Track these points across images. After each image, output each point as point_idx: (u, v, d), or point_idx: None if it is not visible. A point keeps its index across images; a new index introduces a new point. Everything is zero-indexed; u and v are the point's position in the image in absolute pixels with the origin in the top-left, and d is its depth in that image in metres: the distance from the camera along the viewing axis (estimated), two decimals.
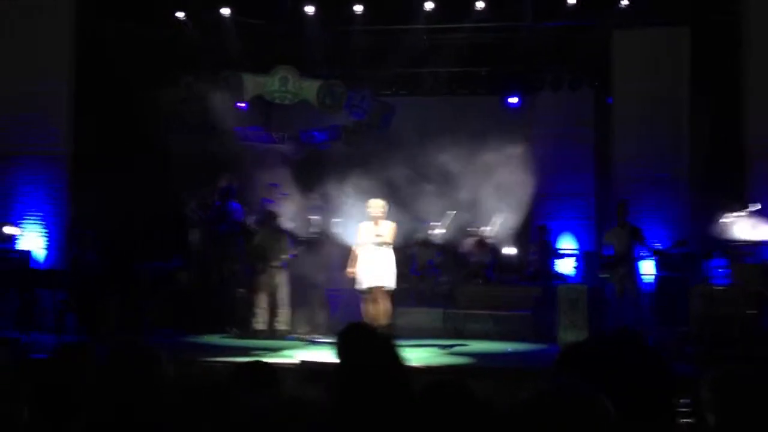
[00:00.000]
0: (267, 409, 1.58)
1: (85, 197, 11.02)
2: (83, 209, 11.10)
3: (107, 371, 2.31)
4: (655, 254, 10.21)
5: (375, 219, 9.00)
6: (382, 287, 9.02)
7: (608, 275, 9.94)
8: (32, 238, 11.38)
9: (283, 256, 10.32)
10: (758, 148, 10.78)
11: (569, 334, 9.47)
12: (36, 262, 11.16)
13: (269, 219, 10.69)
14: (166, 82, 12.65)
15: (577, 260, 12.57)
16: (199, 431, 1.89)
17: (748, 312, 8.68)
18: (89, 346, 2.65)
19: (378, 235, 8.93)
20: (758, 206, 9.33)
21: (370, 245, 8.91)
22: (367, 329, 2.52)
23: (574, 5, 12.21)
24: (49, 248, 11.39)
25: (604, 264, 10.00)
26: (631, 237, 9.75)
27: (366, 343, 2.50)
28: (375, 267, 8.88)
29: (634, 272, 9.82)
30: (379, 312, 8.98)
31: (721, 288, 9.15)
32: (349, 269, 9.27)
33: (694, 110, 11.58)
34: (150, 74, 12.40)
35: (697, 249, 10.50)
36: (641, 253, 10.02)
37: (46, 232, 11.42)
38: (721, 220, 9.24)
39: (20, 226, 11.34)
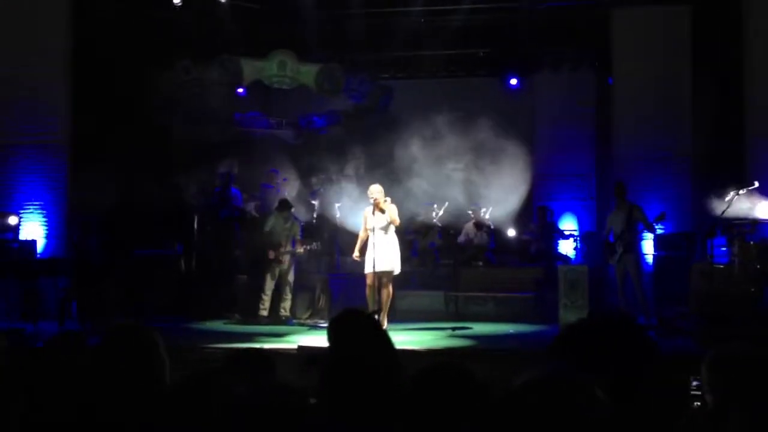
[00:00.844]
0: (252, 397, 1.57)
1: (84, 185, 11.02)
2: (83, 197, 11.10)
3: (100, 354, 2.29)
4: (652, 232, 10.18)
5: (376, 204, 8.99)
6: (389, 271, 9.03)
7: (609, 258, 9.93)
8: (33, 228, 11.39)
9: (300, 250, 10.33)
10: (759, 126, 10.74)
11: (570, 315, 9.48)
12: (38, 251, 11.18)
13: (283, 207, 10.67)
14: (164, 66, 12.59)
15: (576, 241, 12.56)
16: (191, 417, 1.87)
17: (748, 290, 8.67)
18: (82, 335, 2.64)
19: (383, 224, 8.91)
20: (756, 184, 9.29)
21: (375, 230, 8.91)
22: (361, 316, 2.52)
23: None
24: (49, 237, 11.40)
25: (605, 249, 10.00)
26: (628, 217, 9.72)
27: (357, 331, 2.50)
28: (381, 252, 8.89)
29: (633, 252, 9.79)
30: (383, 296, 9.01)
31: (721, 266, 9.15)
32: (355, 254, 9.28)
33: (696, 89, 11.52)
34: (148, 58, 12.37)
35: (698, 227, 10.49)
36: (641, 232, 9.99)
37: (46, 221, 11.43)
38: (721, 199, 9.21)
39: (21, 215, 11.34)
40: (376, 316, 7.03)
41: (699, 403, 2.99)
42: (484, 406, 1.97)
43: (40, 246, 11.21)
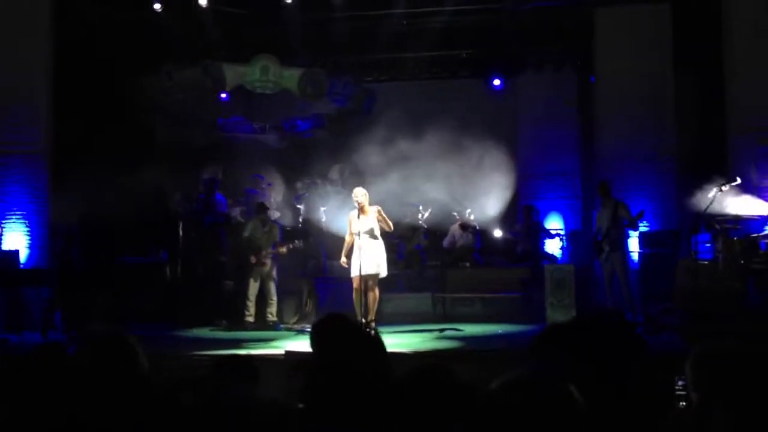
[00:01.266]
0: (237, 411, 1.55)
1: (67, 193, 10.93)
2: (66, 205, 11.00)
3: (79, 361, 2.24)
4: (635, 229, 10.23)
5: (361, 207, 8.98)
6: (375, 275, 9.02)
7: (598, 256, 9.98)
8: (16, 238, 11.29)
9: (283, 250, 10.28)
10: (740, 123, 10.81)
11: (557, 314, 9.51)
12: (21, 261, 11.08)
13: (260, 211, 10.65)
14: (146, 72, 12.52)
15: (562, 240, 12.61)
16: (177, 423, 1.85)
17: (732, 286, 8.73)
18: (61, 345, 2.60)
19: (368, 228, 8.91)
20: (738, 181, 9.35)
21: (360, 234, 8.89)
22: (345, 320, 2.50)
23: None
24: (32, 247, 11.29)
25: (594, 247, 10.03)
26: (612, 214, 9.77)
27: (341, 335, 2.49)
28: (367, 255, 8.88)
29: (619, 250, 9.84)
30: (369, 300, 8.99)
31: (705, 263, 9.20)
32: (342, 259, 9.26)
33: (679, 87, 11.59)
34: (130, 63, 12.29)
35: (683, 224, 10.55)
36: (626, 229, 10.03)
37: (28, 231, 11.32)
38: (705, 196, 9.27)
39: (3, 225, 11.23)
40: (368, 327, 7.00)
41: (684, 404, 2.99)
42: (469, 408, 1.96)
43: (23, 256, 11.11)
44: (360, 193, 9.02)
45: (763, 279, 8.81)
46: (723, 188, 9.16)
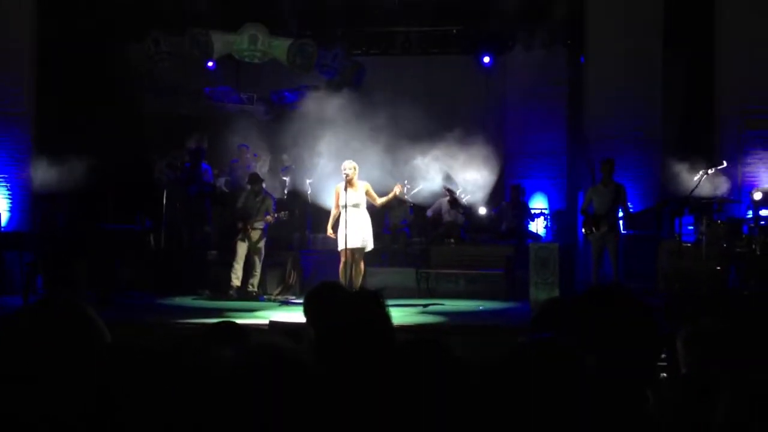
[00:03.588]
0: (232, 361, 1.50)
1: (50, 158, 10.79)
2: (49, 170, 10.87)
3: (15, 333, 1.98)
4: (630, 218, 10.28)
5: (349, 180, 8.94)
6: (361, 248, 9.02)
7: (589, 232, 9.99)
8: None
9: (268, 218, 10.23)
10: (729, 105, 10.85)
11: (541, 293, 9.54)
12: (2, 225, 10.96)
13: (253, 182, 10.59)
14: (133, 38, 12.33)
15: (546, 219, 12.64)
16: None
17: (714, 268, 8.81)
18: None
19: (355, 201, 8.90)
20: (725, 164, 9.41)
21: (347, 207, 8.86)
22: (339, 288, 2.48)
23: None
24: (13, 210, 11.17)
25: (586, 221, 10.04)
26: (614, 196, 9.78)
27: (340, 302, 2.47)
28: (353, 228, 8.86)
29: (616, 231, 9.88)
30: (355, 273, 8.99)
31: (688, 244, 9.27)
32: (328, 232, 9.23)
33: (668, 68, 11.59)
34: (118, 28, 12.10)
35: (667, 206, 10.60)
36: (620, 213, 10.06)
37: (9, 195, 11.19)
38: (691, 178, 9.32)
39: None
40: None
41: (665, 375, 3.05)
42: (465, 380, 1.96)
43: (4, 220, 10.99)
44: (349, 166, 8.97)
45: (745, 262, 8.91)
46: (709, 171, 9.21)
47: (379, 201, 9.17)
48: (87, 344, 1.99)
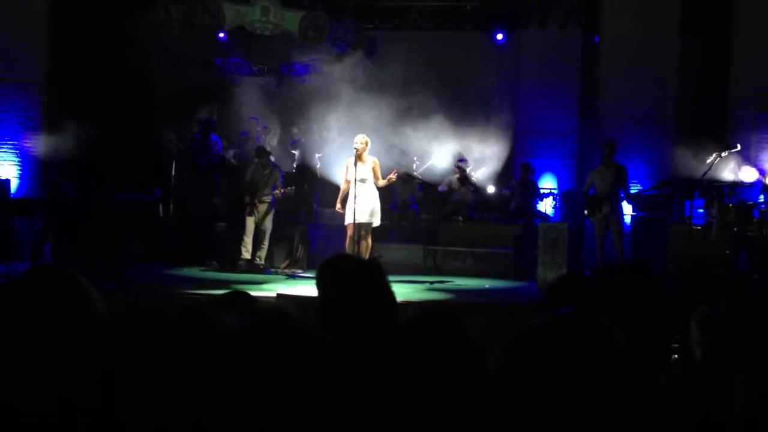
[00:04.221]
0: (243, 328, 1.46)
1: (61, 125, 10.77)
2: (59, 138, 10.86)
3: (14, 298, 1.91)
4: (632, 199, 10.23)
5: (359, 155, 8.88)
6: (368, 223, 8.99)
7: (590, 213, 9.95)
8: (6, 167, 11.16)
9: (276, 192, 10.21)
10: (744, 89, 10.73)
11: (548, 272, 9.50)
12: (11, 191, 10.97)
13: (261, 155, 10.56)
14: (145, 6, 12.24)
15: (555, 199, 12.59)
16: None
17: (724, 252, 8.76)
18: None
19: (364, 176, 8.85)
20: (738, 147, 9.33)
21: (356, 181, 8.82)
22: (352, 259, 2.47)
23: None
24: (22, 177, 11.17)
25: (587, 203, 10.01)
26: (615, 177, 9.73)
27: (353, 272, 2.45)
28: (361, 203, 8.83)
29: (618, 212, 9.84)
30: (361, 248, 8.98)
31: (699, 228, 9.22)
32: (337, 206, 9.20)
33: (683, 50, 11.46)
34: None
35: (678, 189, 10.54)
36: (621, 195, 10.01)
37: (19, 162, 11.19)
38: (703, 161, 9.25)
39: None
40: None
41: (677, 356, 3.03)
42: (478, 356, 1.94)
43: (13, 187, 11.00)
44: (360, 140, 8.92)
45: (755, 246, 8.85)
46: (722, 155, 9.13)
47: (380, 182, 9.09)
48: (79, 314, 1.95)
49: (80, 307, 1.94)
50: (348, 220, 8.93)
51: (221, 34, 13.27)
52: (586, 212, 10.07)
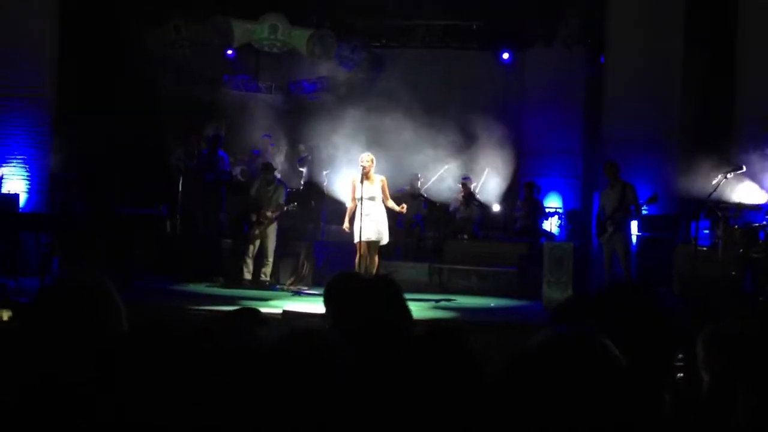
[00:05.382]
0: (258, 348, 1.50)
1: (69, 141, 10.85)
2: (67, 153, 10.94)
3: (33, 315, 1.97)
4: (638, 215, 10.25)
5: (366, 173, 8.91)
6: (376, 241, 9.01)
7: (599, 234, 9.99)
8: (16, 182, 11.23)
9: (268, 214, 10.27)
10: (749, 109, 10.75)
11: (554, 292, 9.51)
12: (20, 206, 11.03)
13: (265, 171, 10.63)
14: (155, 24, 12.37)
15: (560, 218, 12.60)
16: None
17: (730, 274, 8.76)
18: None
19: (371, 194, 8.89)
20: (744, 169, 9.34)
21: (363, 200, 8.85)
22: (359, 278, 2.49)
23: None
24: (31, 192, 11.24)
25: (598, 226, 10.06)
26: (620, 196, 9.76)
27: (360, 291, 2.48)
28: (368, 221, 8.85)
29: (623, 232, 9.85)
30: (370, 266, 8.99)
31: (705, 249, 9.22)
32: (345, 225, 9.21)
33: (687, 70, 11.51)
34: (139, 14, 12.13)
35: (683, 209, 10.55)
36: (629, 212, 10.01)
37: (28, 176, 11.26)
38: (709, 181, 9.26)
39: (2, 169, 11.17)
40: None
41: (682, 375, 3.03)
42: (485, 373, 1.96)
43: (22, 201, 11.06)
44: (366, 158, 8.95)
45: (760, 268, 8.84)
46: (728, 176, 9.15)
47: (389, 203, 9.13)
48: (108, 323, 1.99)
49: (111, 319, 1.99)
50: (356, 238, 8.95)
51: (229, 52, 13.40)
52: (597, 235, 10.11)
